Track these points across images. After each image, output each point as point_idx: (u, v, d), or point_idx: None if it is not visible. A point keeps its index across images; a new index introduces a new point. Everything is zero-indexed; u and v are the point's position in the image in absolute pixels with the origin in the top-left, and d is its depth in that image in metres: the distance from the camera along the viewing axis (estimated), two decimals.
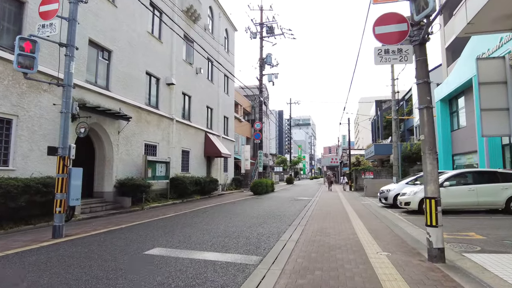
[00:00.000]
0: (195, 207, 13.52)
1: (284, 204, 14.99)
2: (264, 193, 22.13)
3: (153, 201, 14.13)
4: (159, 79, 16.11)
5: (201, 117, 20.79)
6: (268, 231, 7.74)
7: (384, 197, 13.73)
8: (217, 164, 23.22)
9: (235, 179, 26.47)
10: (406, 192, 11.56)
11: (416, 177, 13.71)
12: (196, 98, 20.18)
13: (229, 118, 26.35)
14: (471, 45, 15.76)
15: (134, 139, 13.90)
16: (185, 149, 18.50)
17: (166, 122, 16.44)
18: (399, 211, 12.22)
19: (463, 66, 16.64)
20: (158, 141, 15.68)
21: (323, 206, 14.10)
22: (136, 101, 13.99)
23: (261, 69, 23.45)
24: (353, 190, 28.83)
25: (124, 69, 13.35)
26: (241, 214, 10.93)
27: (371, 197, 20.00)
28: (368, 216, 10.56)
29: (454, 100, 19.02)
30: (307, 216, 10.42)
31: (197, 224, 8.79)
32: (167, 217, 10.21)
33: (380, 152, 29.95)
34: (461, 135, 17.91)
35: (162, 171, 15.07)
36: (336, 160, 51.70)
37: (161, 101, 16.20)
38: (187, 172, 18.57)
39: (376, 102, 47.59)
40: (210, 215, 10.78)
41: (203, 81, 21.29)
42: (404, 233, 7.46)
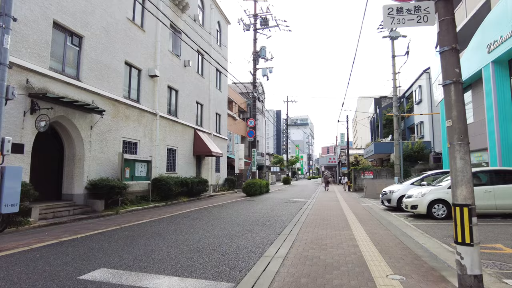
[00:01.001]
0: (177, 210, 12.18)
1: (277, 207, 13.67)
2: (258, 194, 20.80)
3: (132, 204, 12.77)
4: (141, 70, 14.75)
5: (189, 113, 19.44)
6: (252, 242, 6.41)
7: (387, 199, 12.43)
8: (208, 164, 21.87)
9: (228, 180, 25.12)
10: (412, 194, 10.26)
11: (422, 177, 12.42)
12: (184, 92, 18.83)
13: (221, 115, 24.99)
14: (479, 34, 14.48)
15: (110, 135, 12.54)
16: (171, 147, 17.14)
17: (148, 118, 15.08)
18: (405, 215, 10.92)
19: (470, 58, 15.36)
20: (139, 138, 14.33)
21: (319, 209, 12.79)
22: (113, 94, 12.63)
23: (255, 63, 22.12)
24: (352, 190, 27.54)
25: (98, 58, 11.99)
26: (226, 220, 9.59)
27: (371, 198, 18.72)
28: (370, 222, 9.25)
29: None
30: (301, 222, 9.10)
31: (169, 233, 7.45)
32: (139, 224, 8.86)
33: (380, 151, 28.68)
34: (468, 132, 16.60)
35: (142, 171, 13.71)
36: (334, 160, 50.44)
37: (143, 94, 14.84)
38: (173, 172, 17.22)
39: (375, 100, 46.33)
40: (190, 221, 9.43)
41: (192, 75, 19.94)
42: (417, 245, 6.15)
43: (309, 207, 13.43)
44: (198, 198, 17.65)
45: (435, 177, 12.56)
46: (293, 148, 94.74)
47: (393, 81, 20.50)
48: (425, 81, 28.24)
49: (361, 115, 58.91)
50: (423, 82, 28.63)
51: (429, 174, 12.54)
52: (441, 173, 12.51)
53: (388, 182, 19.60)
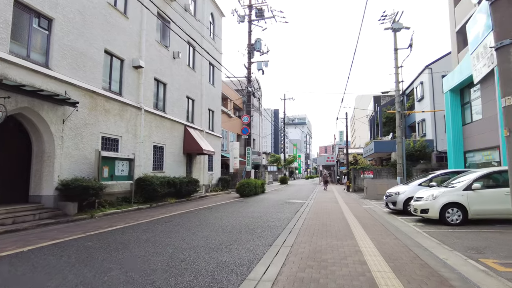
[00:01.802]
0: (161, 214, 10.99)
1: (271, 209, 12.51)
2: (253, 195, 19.63)
3: (111, 207, 11.57)
4: (123, 60, 13.53)
5: (179, 109, 18.22)
6: (236, 258, 5.24)
7: (392, 202, 11.29)
8: (199, 163, 20.67)
9: (222, 179, 23.92)
10: (422, 197, 9.12)
11: (431, 177, 11.28)
12: (173, 86, 17.62)
13: (215, 111, 23.78)
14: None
15: (87, 130, 11.32)
16: (157, 145, 15.93)
17: (132, 112, 13.87)
18: (413, 219, 9.78)
19: None
20: (120, 134, 13.11)
21: (318, 212, 11.64)
22: (90, 85, 11.41)
23: (250, 56, 20.92)
24: (352, 191, 26.43)
25: (73, 44, 10.77)
26: (211, 226, 8.42)
27: (372, 199, 17.60)
28: (375, 228, 8.10)
29: (467, 89, 16.66)
30: (297, 229, 7.94)
31: (139, 244, 6.27)
32: (109, 231, 7.67)
33: (380, 149, 27.56)
34: (476, 129, 15.54)
35: (124, 170, 12.51)
36: (333, 159, 49.38)
37: (126, 86, 13.62)
38: (160, 171, 16.01)
39: (374, 97, 45.26)
40: (169, 227, 8.25)
41: (182, 68, 18.73)
42: (437, 262, 5.00)
43: (307, 210, 12.29)
44: (187, 199, 16.45)
45: (444, 178, 11.45)
46: (290, 147, 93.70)
47: (396, 75, 19.38)
48: (427, 77, 27.16)
49: (359, 114, 57.88)
50: (425, 78, 27.55)
51: (438, 174, 11.42)
52: (452, 173, 11.39)
53: (390, 183, 18.49)
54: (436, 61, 27.02)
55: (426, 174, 12.63)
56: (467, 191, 8.43)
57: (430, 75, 26.98)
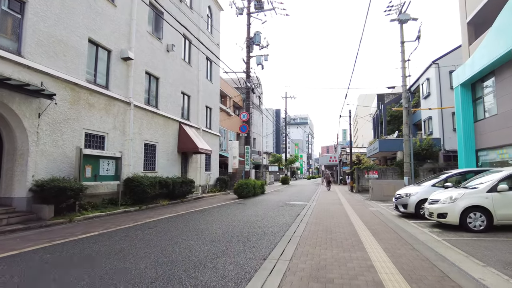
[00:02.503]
0: (147, 218, 9.98)
1: (270, 212, 11.48)
2: (251, 196, 18.62)
3: (94, 210, 10.57)
4: (111, 51, 12.54)
5: (173, 105, 17.22)
6: (220, 277, 4.22)
7: (403, 204, 10.24)
8: (196, 162, 19.66)
9: (220, 180, 22.90)
10: (439, 199, 8.06)
11: (446, 177, 10.21)
12: (167, 81, 16.61)
13: (212, 109, 22.76)
14: (508, 11, 12.33)
15: (68, 126, 10.33)
16: (149, 143, 14.92)
17: (120, 107, 12.87)
18: (427, 224, 8.74)
19: (494, 39, 13.18)
20: (107, 130, 12.12)
21: (321, 215, 10.60)
22: (71, 76, 10.42)
23: (248, 50, 19.90)
24: (355, 191, 25.37)
25: (50, 31, 9.78)
26: (200, 233, 7.40)
27: (378, 201, 16.56)
28: (387, 236, 7.06)
29: (479, 83, 15.58)
30: (297, 236, 6.92)
31: (109, 256, 5.26)
32: (81, 239, 6.66)
33: (385, 148, 26.48)
34: (490, 125, 14.47)
35: (109, 170, 11.51)
36: (335, 159, 48.27)
37: (113, 79, 12.62)
38: (152, 171, 15.01)
39: (378, 96, 44.16)
40: (151, 234, 7.23)
41: (177, 62, 17.73)
42: (474, 284, 3.96)
43: (309, 213, 11.26)
44: (182, 201, 15.44)
45: (458, 178, 10.41)
46: (292, 147, 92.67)
47: (402, 70, 18.33)
48: (434, 73, 26.06)
49: (361, 113, 56.71)
50: (432, 74, 26.45)
51: (453, 174, 10.35)
52: (468, 173, 10.34)
53: (397, 183, 17.44)
54: (443, 56, 25.91)
55: (439, 173, 11.57)
56: (491, 193, 7.37)
57: (437, 71, 25.87)
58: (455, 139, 25.18)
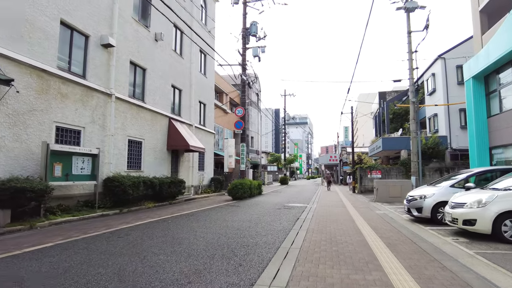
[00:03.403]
0: (124, 223, 8.69)
1: (266, 216, 10.20)
2: (247, 197, 17.33)
3: (66, 213, 9.27)
4: (88, 36, 11.24)
5: (162, 99, 15.92)
6: None
7: (417, 207, 8.95)
8: (188, 161, 18.36)
9: (215, 180, 21.60)
10: (464, 203, 6.78)
11: (467, 177, 8.91)
12: (155, 73, 15.31)
13: (206, 104, 21.45)
14: None
15: (34, 118, 9.04)
16: (134, 139, 13.62)
17: (99, 99, 11.58)
18: (449, 231, 7.46)
19: None
20: (83, 124, 10.82)
21: (323, 220, 9.32)
22: (38, 61, 9.13)
23: (244, 41, 18.62)
24: (358, 192, 24.08)
25: (10, 6, 8.49)
26: (178, 244, 6.10)
27: (384, 202, 15.27)
28: (405, 248, 5.77)
29: (494, 75, 14.31)
30: (296, 248, 5.64)
31: (42, 282, 3.97)
32: (22, 254, 5.35)
33: (389, 147, 25.20)
34: (506, 121, 13.21)
35: (85, 168, 10.21)
36: (335, 158, 47.00)
37: (92, 68, 11.33)
38: (138, 170, 13.71)
39: (380, 93, 42.89)
40: (118, 246, 5.94)
41: (166, 52, 16.43)
42: None
43: (309, 217, 9.97)
44: (170, 203, 14.14)
45: (480, 178, 9.13)
46: (292, 147, 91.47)
47: (409, 62, 17.05)
48: (440, 68, 24.81)
49: (361, 112, 55.44)
50: (438, 69, 25.20)
51: (475, 173, 9.05)
52: (492, 171, 9.07)
53: (404, 183, 16.18)
54: (449, 50, 24.65)
55: (456, 172, 10.28)
56: None
57: (443, 66, 24.62)
58: (462, 137, 23.96)
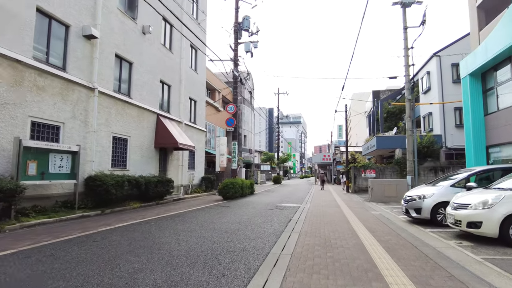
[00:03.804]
0: (104, 225, 8.07)
1: (257, 217, 9.66)
2: (239, 197, 16.78)
3: (42, 215, 8.62)
4: (69, 26, 10.57)
5: (150, 94, 15.27)
6: None
7: (415, 208, 8.49)
8: (177, 160, 17.73)
9: (206, 179, 20.99)
10: (469, 203, 6.32)
11: (468, 176, 8.46)
12: (143, 67, 14.66)
13: (197, 101, 20.82)
14: None
15: (6, 112, 8.36)
16: (119, 136, 12.96)
17: (81, 93, 10.91)
18: (450, 234, 7.00)
19: None
20: (62, 119, 10.15)
21: (316, 221, 8.81)
22: (11, 50, 8.46)
23: (236, 36, 18.04)
24: (352, 191, 23.68)
25: None
26: (157, 250, 5.53)
27: (379, 202, 14.86)
28: (407, 253, 5.27)
29: (491, 72, 13.96)
30: (287, 255, 5.11)
31: None
32: None
33: (383, 145, 24.86)
34: (505, 118, 12.87)
35: (63, 166, 9.56)
36: (329, 157, 46.67)
37: (73, 60, 10.66)
38: (123, 168, 13.06)
39: (373, 92, 42.65)
40: (88, 252, 5.34)
41: (155, 47, 15.78)
42: None
43: (302, 218, 9.47)
44: (157, 203, 13.52)
45: (481, 176, 8.71)
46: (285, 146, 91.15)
47: (405, 58, 16.63)
48: (435, 66, 24.52)
49: (355, 111, 55.18)
50: (432, 67, 24.91)
51: (477, 171, 8.62)
52: (493, 170, 8.66)
53: (399, 183, 15.78)
54: (445, 48, 24.36)
55: (455, 171, 9.86)
56: None
57: (439, 64, 24.34)
58: (457, 136, 23.70)
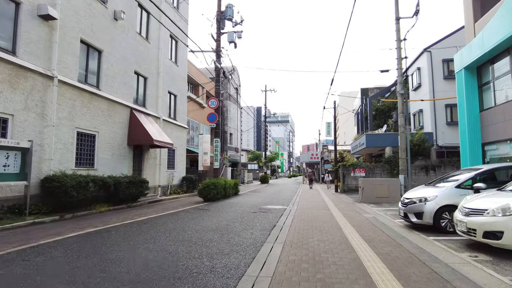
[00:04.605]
0: (54, 235, 6.77)
1: (236, 223, 8.50)
2: (221, 198, 15.59)
3: None
4: (20, 3, 9.16)
5: (123, 86, 13.91)
6: None
7: (416, 212, 7.47)
8: (154, 158, 16.40)
9: (187, 179, 19.71)
10: (485, 209, 5.30)
11: (475, 175, 7.47)
12: (114, 56, 13.29)
13: (178, 96, 19.50)
14: None
15: None
16: (85, 131, 11.60)
17: (36, 81, 9.53)
18: (459, 243, 5.99)
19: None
20: (11, 111, 8.76)
21: (304, 228, 7.70)
22: None
23: (219, 26, 16.81)
24: (340, 191, 22.77)
25: None
26: (102, 272, 4.30)
27: (371, 203, 13.89)
28: (415, 271, 4.18)
29: (487, 66, 13.18)
30: (267, 278, 3.97)
31: None
32: None
33: (373, 144, 24.04)
34: (501, 114, 12.09)
35: (10, 165, 8.20)
36: (317, 156, 45.87)
37: (25, 43, 9.27)
38: (90, 167, 11.71)
39: (362, 90, 42.00)
40: (8, 276, 4.09)
41: (129, 35, 14.42)
42: None
43: (288, 222, 8.36)
44: (129, 206, 12.22)
45: (487, 175, 7.76)
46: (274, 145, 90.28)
47: (397, 50, 15.75)
48: (425, 62, 23.83)
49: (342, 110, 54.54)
50: (423, 63, 24.22)
51: (485, 170, 7.64)
52: (504, 168, 7.72)
53: (392, 182, 14.87)
54: (436, 43, 23.68)
55: (457, 171, 8.91)
56: None
57: (429, 60, 23.65)
58: (449, 134, 23.06)
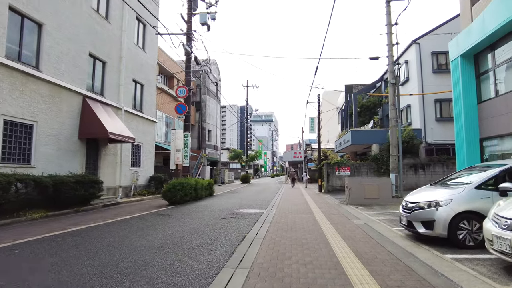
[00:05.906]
0: None
1: (194, 236, 6.65)
2: (190, 201, 13.67)
3: None
4: None
5: (73, 70, 11.78)
6: None
7: (424, 220, 5.81)
8: (114, 155, 14.30)
9: (155, 179, 17.66)
10: None
11: (499, 172, 5.86)
12: (62, 33, 11.16)
13: (144, 85, 17.40)
14: None
15: None
16: (16, 121, 9.46)
17: None
18: (491, 266, 4.28)
19: None
20: None
21: (281, 243, 5.93)
22: None
23: (191, 6, 14.85)
24: (324, 191, 21.22)
25: None
26: None
27: (359, 206, 12.27)
28: None
29: (486, 53, 11.79)
30: None
31: None
32: None
33: (359, 140, 22.61)
34: (503, 106, 10.72)
35: None
36: (300, 155, 44.44)
37: None
38: (25, 164, 9.58)
39: (346, 86, 40.77)
40: None
41: (83, 11, 12.30)
42: None
43: (261, 234, 6.58)
44: (77, 211, 10.15)
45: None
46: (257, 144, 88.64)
47: (388, 36, 14.31)
48: (414, 55, 22.61)
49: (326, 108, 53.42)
50: (412, 56, 22.99)
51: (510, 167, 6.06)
52: None
53: (382, 182, 13.27)
54: (425, 35, 22.49)
55: (472, 167, 7.36)
56: None
57: (418, 52, 22.44)
58: (438, 131, 21.89)
